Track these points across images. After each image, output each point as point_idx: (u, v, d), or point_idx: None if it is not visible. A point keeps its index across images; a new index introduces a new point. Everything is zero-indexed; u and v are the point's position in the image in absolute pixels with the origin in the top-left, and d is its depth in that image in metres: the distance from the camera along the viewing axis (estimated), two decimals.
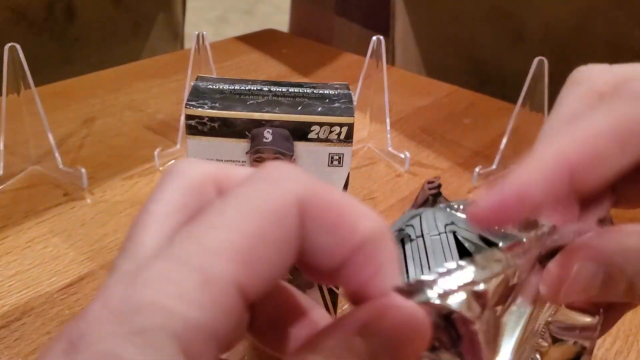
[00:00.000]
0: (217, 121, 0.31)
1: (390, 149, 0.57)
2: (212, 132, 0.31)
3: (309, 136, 0.32)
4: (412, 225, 0.32)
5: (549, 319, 0.22)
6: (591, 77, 0.21)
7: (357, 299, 0.16)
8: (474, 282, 0.17)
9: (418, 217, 0.33)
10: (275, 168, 0.16)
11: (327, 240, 0.15)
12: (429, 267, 0.29)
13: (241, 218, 0.14)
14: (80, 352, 0.13)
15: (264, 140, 0.32)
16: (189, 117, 0.31)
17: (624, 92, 0.19)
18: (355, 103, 0.34)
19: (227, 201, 0.15)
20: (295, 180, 0.15)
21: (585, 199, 0.20)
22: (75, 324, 0.14)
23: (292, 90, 0.34)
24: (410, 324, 0.15)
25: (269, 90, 0.34)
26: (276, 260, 0.15)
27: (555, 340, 0.23)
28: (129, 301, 0.13)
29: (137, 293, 0.14)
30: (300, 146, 0.32)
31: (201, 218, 0.15)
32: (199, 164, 0.17)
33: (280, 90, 0.34)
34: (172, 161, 0.56)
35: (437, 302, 0.16)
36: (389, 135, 0.57)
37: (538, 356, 0.22)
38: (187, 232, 0.15)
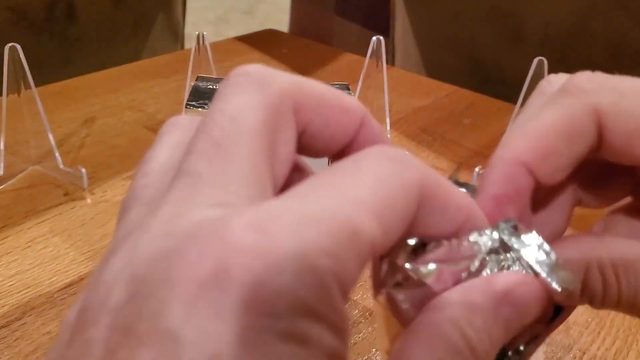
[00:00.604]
0: None
1: None
2: None
3: None
4: None
5: None
6: (555, 86, 0.22)
7: None
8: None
9: None
10: (397, 150, 0.16)
11: (437, 220, 0.16)
12: None
13: (379, 186, 0.14)
14: (254, 291, 0.12)
15: None
16: None
17: (568, 88, 0.20)
18: None
19: (361, 167, 0.15)
20: (416, 165, 0.16)
21: (548, 200, 0.21)
22: (225, 252, 0.12)
23: None
24: (539, 300, 0.17)
25: None
26: (400, 229, 0.15)
27: None
28: (290, 234, 0.13)
29: (293, 226, 0.13)
30: None
31: (335, 173, 0.15)
32: (276, 75, 0.17)
33: None
34: None
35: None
36: (389, 136, 0.57)
37: None
38: (323, 181, 0.14)
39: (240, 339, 0.12)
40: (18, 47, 0.48)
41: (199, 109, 0.31)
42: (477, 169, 0.54)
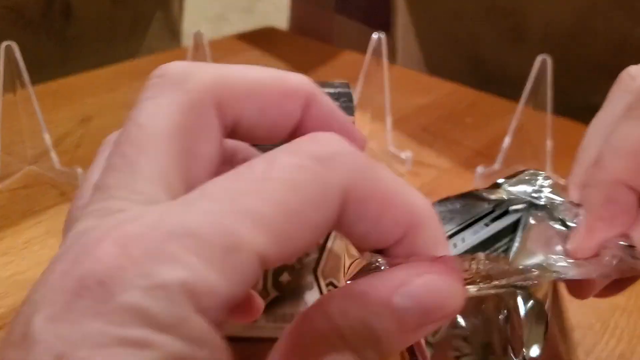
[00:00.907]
0: None
1: (391, 148, 0.57)
2: None
3: None
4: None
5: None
6: (638, 80, 0.23)
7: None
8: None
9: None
10: (328, 144, 0.15)
11: (369, 228, 0.15)
12: None
13: (282, 192, 0.14)
14: (104, 302, 0.13)
15: None
16: None
17: None
18: (355, 102, 0.33)
19: (271, 169, 0.14)
20: (344, 165, 0.15)
21: None
22: (87, 263, 0.13)
23: None
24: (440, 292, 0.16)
25: None
26: (306, 239, 0.14)
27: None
28: (150, 249, 0.13)
29: (158, 241, 0.13)
30: None
31: (238, 177, 0.14)
32: (196, 71, 0.17)
33: None
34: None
35: None
36: (389, 135, 0.57)
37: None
38: (220, 186, 0.14)
39: (86, 342, 0.12)
40: (14, 45, 0.48)
41: None
42: (478, 169, 0.54)
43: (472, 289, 0.19)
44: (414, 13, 0.88)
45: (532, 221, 0.25)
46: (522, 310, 0.20)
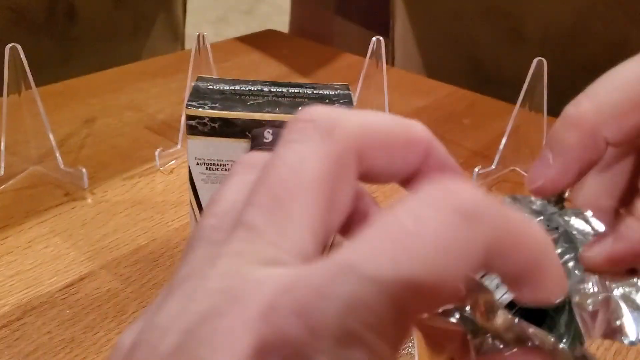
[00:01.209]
0: (218, 121, 0.31)
1: None
2: (213, 133, 0.32)
3: None
4: None
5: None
6: None
7: None
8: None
9: None
10: (470, 198, 0.15)
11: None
12: None
13: (432, 252, 0.14)
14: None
15: (265, 140, 0.32)
16: (189, 117, 0.31)
17: None
18: (355, 103, 0.34)
19: (418, 225, 0.14)
20: (489, 223, 0.15)
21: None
22: (265, 328, 0.13)
23: (292, 91, 0.34)
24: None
25: (269, 91, 0.34)
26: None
27: None
28: (331, 326, 0.13)
29: (339, 317, 0.13)
30: None
31: (388, 232, 0.14)
32: (343, 120, 0.17)
33: (280, 90, 0.34)
34: (173, 161, 0.56)
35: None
36: None
37: None
38: (375, 247, 0.14)
39: None
40: (18, 47, 0.48)
41: (199, 109, 0.31)
42: (476, 169, 0.54)
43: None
44: (413, 15, 0.89)
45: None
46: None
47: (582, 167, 0.22)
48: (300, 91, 0.34)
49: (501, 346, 0.16)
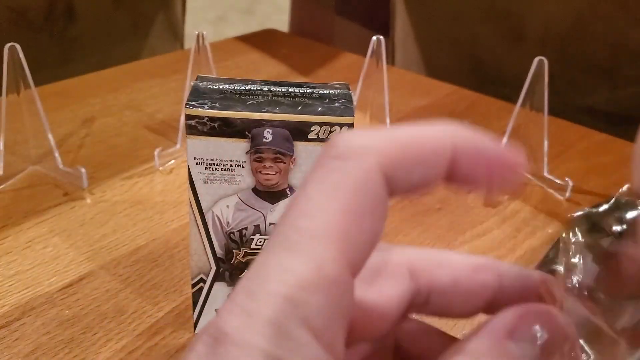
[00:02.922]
0: (217, 121, 0.31)
1: None
2: (212, 132, 0.31)
3: (309, 136, 0.32)
4: None
5: None
6: None
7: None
8: None
9: None
10: (348, 144, 0.16)
11: (418, 177, 0.17)
12: None
13: (333, 200, 0.15)
14: (222, 345, 0.14)
15: (264, 140, 0.32)
16: (188, 117, 0.31)
17: None
18: (355, 103, 0.34)
19: (311, 187, 0.16)
20: (372, 150, 0.16)
21: None
22: (215, 321, 0.14)
23: (292, 90, 0.34)
24: (559, 329, 0.17)
25: (269, 90, 0.34)
26: (372, 226, 0.16)
27: None
28: (255, 295, 0.14)
29: (261, 286, 0.14)
30: (300, 146, 0.32)
31: (294, 208, 0.15)
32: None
33: (280, 90, 0.34)
34: (172, 161, 0.56)
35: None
36: None
37: None
38: (288, 223, 0.15)
39: None
40: (17, 46, 0.48)
41: (199, 109, 0.31)
42: None
43: None
44: (413, 15, 0.89)
45: None
46: None
47: None
48: (300, 91, 0.34)
49: None
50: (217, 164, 0.32)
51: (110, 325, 0.38)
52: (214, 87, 0.34)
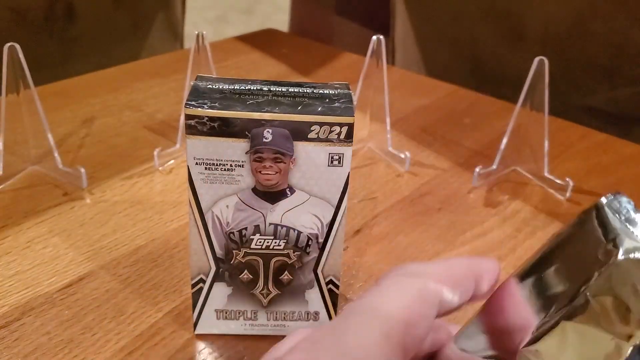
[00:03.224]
0: (217, 121, 0.31)
1: (390, 148, 0.57)
2: (212, 132, 0.31)
3: (309, 136, 0.32)
4: None
5: None
6: None
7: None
8: None
9: None
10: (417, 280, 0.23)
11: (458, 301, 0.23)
12: None
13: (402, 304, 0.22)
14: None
15: (264, 140, 0.31)
16: (188, 116, 0.31)
17: None
18: (355, 103, 0.34)
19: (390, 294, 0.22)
20: (433, 278, 0.23)
21: None
22: None
23: (292, 90, 0.34)
24: None
25: (269, 90, 0.34)
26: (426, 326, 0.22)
27: None
28: None
29: None
30: (300, 146, 0.32)
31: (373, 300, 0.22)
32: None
33: (280, 90, 0.34)
34: (172, 161, 0.56)
35: None
36: (389, 135, 0.57)
37: None
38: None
39: None
40: (17, 46, 0.48)
41: (199, 109, 0.31)
42: (477, 169, 0.54)
43: None
44: (413, 15, 0.89)
45: None
46: None
47: None
48: (300, 90, 0.34)
49: None
50: (216, 164, 0.32)
51: (110, 326, 0.38)
52: (214, 87, 0.34)
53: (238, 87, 0.34)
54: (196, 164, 0.32)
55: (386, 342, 0.20)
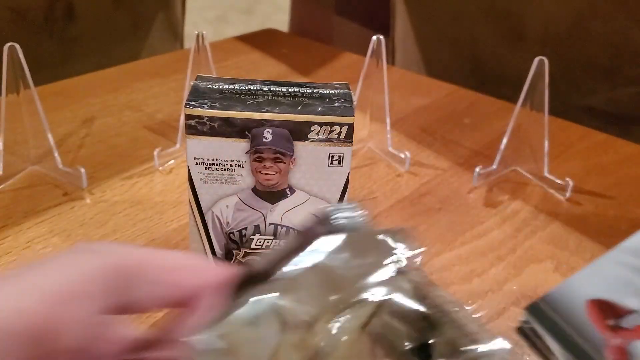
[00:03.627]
0: (217, 121, 0.31)
1: (390, 148, 0.57)
2: (212, 132, 0.31)
3: (309, 136, 0.32)
4: None
5: None
6: None
7: None
8: None
9: None
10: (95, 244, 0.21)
11: (148, 294, 0.22)
12: None
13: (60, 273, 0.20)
14: None
15: (264, 140, 0.31)
16: (188, 116, 0.31)
17: None
18: (355, 103, 0.34)
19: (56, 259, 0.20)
20: (113, 253, 0.21)
21: None
22: None
23: (292, 90, 0.34)
24: None
25: (269, 90, 0.34)
26: (80, 308, 0.19)
27: None
28: None
29: None
30: (300, 146, 0.32)
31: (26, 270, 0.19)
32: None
33: (280, 90, 0.34)
34: (172, 161, 0.56)
35: None
36: (389, 135, 0.57)
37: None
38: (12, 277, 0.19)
39: None
40: (17, 46, 0.48)
41: (199, 109, 0.31)
42: (477, 169, 0.54)
43: None
44: (413, 15, 0.89)
45: None
46: None
47: None
48: (300, 90, 0.34)
49: None
50: (216, 164, 0.32)
51: None
52: (214, 86, 0.34)
53: (238, 87, 0.34)
54: (196, 164, 0.32)
55: None
